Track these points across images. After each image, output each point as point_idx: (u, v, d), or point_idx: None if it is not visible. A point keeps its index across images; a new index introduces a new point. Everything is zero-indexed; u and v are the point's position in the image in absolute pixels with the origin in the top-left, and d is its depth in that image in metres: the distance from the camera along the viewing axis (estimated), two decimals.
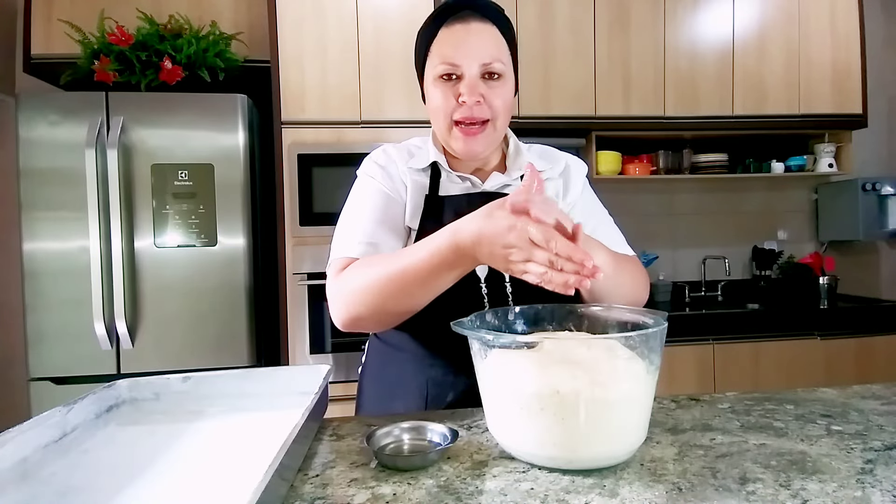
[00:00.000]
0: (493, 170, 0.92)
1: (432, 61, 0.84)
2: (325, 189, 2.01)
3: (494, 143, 0.88)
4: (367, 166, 0.92)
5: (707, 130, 2.54)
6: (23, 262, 1.80)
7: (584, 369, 0.56)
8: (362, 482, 0.55)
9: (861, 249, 2.94)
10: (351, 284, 0.77)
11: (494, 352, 0.60)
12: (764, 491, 0.51)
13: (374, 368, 0.96)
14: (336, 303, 0.79)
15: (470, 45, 0.81)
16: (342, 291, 0.78)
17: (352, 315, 0.77)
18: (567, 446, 0.55)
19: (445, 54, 0.82)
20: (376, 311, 0.76)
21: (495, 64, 0.82)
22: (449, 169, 0.90)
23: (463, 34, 0.81)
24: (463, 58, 0.81)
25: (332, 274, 0.82)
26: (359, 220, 0.86)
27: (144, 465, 0.59)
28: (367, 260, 0.79)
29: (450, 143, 0.86)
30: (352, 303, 0.77)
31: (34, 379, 1.81)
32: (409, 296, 0.73)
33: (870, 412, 0.73)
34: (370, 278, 0.74)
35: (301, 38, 2.02)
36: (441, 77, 0.83)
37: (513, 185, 0.90)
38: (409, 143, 0.96)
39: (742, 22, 2.48)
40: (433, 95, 0.85)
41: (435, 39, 0.84)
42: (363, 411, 0.96)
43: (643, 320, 0.65)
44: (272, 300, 2.13)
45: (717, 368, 2.26)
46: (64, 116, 1.81)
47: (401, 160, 0.91)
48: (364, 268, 0.77)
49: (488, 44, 0.82)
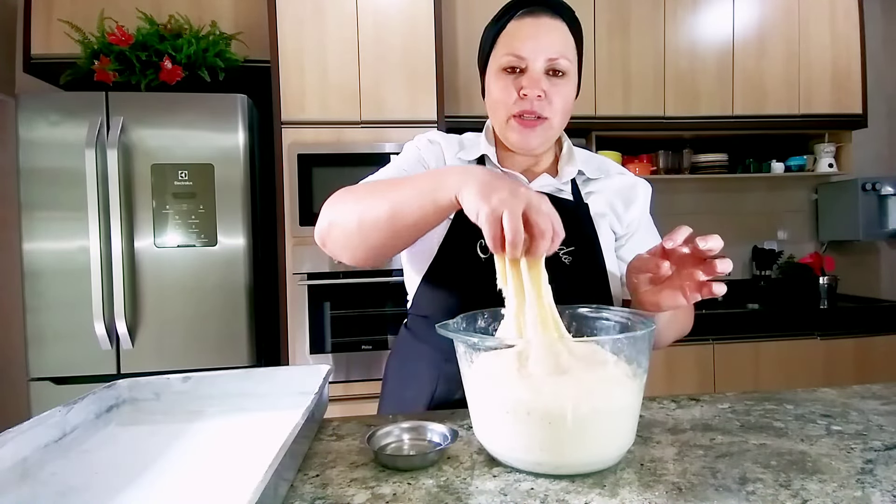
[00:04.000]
0: (543, 171, 0.90)
1: (497, 52, 0.83)
2: (325, 189, 2.01)
3: (550, 141, 0.86)
4: (417, 139, 0.92)
5: (707, 130, 2.54)
6: (23, 262, 1.81)
7: (571, 373, 0.55)
8: (362, 482, 0.55)
9: (861, 249, 2.94)
10: (339, 199, 0.76)
11: (480, 355, 0.59)
12: (764, 491, 0.51)
13: (398, 356, 0.98)
14: (320, 218, 0.77)
15: (538, 39, 0.80)
16: (327, 206, 0.77)
17: (326, 230, 0.76)
18: (554, 451, 0.55)
19: (512, 46, 0.81)
20: (350, 229, 0.73)
21: (561, 60, 0.80)
22: (496, 164, 0.89)
23: (532, 28, 0.80)
24: (530, 50, 0.80)
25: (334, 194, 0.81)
26: (388, 169, 0.87)
27: (144, 465, 0.59)
28: (365, 183, 0.79)
29: (506, 134, 0.85)
30: (331, 213, 0.75)
31: (34, 379, 1.81)
32: (391, 216, 0.68)
33: (870, 412, 0.73)
34: (355, 195, 0.73)
35: (301, 38, 2.02)
36: (505, 70, 0.82)
37: (564, 192, 0.88)
38: (463, 136, 0.95)
39: (742, 22, 2.48)
40: (494, 87, 0.84)
41: (503, 31, 0.83)
42: (383, 398, 0.97)
43: (631, 323, 0.65)
44: (272, 300, 2.13)
45: (717, 368, 2.26)
46: (64, 116, 1.81)
47: (450, 149, 0.91)
48: (357, 188, 0.76)
49: (556, 39, 0.81)
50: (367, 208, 0.70)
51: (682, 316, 0.82)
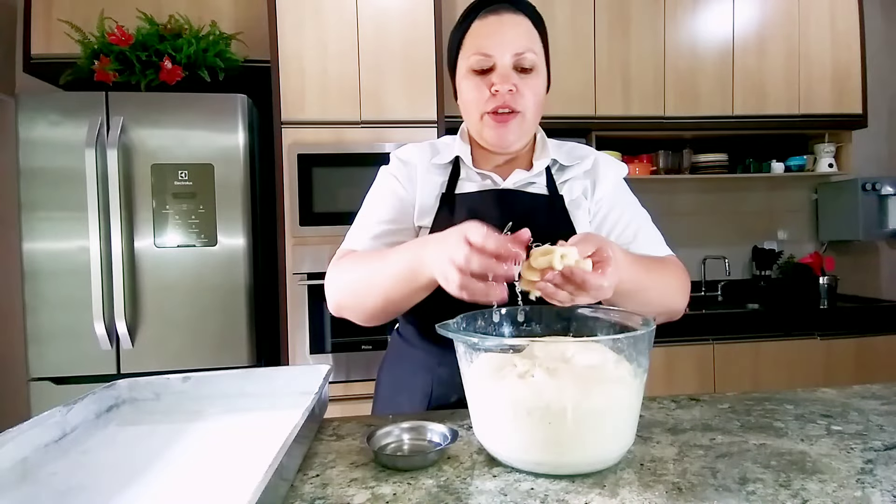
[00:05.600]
0: (517, 167, 0.91)
1: (465, 53, 0.85)
2: (325, 189, 2.01)
3: (526, 135, 0.87)
4: (391, 164, 0.94)
5: (707, 130, 2.54)
6: (23, 262, 1.80)
7: (571, 373, 0.55)
8: (362, 482, 0.55)
9: (861, 249, 2.94)
10: (340, 276, 0.81)
11: (480, 355, 0.60)
12: (764, 491, 0.51)
13: (391, 361, 0.99)
14: (328, 290, 0.83)
15: (503, 36, 0.81)
16: (332, 280, 0.82)
17: (337, 303, 0.82)
18: (554, 451, 0.55)
19: (479, 45, 0.82)
20: (358, 307, 0.80)
21: (528, 55, 0.81)
22: (470, 165, 0.90)
23: (496, 25, 0.82)
24: (496, 48, 0.81)
25: (333, 261, 0.86)
26: (370, 216, 0.89)
27: (144, 465, 0.59)
28: (360, 255, 0.83)
29: (482, 132, 0.86)
30: (337, 291, 0.81)
31: (34, 379, 1.81)
32: (386, 299, 0.75)
33: (870, 412, 0.73)
34: (354, 275, 0.79)
35: (301, 38, 2.02)
36: (474, 70, 0.83)
37: (537, 183, 0.89)
38: (439, 140, 0.97)
39: (742, 22, 2.48)
40: (465, 88, 0.85)
41: (468, 33, 0.84)
42: (376, 402, 0.98)
43: (631, 322, 0.65)
44: (272, 300, 2.13)
45: (717, 368, 2.26)
46: (64, 116, 1.81)
47: (423, 160, 0.91)
48: (354, 262, 0.81)
49: (521, 34, 0.82)
50: (364, 299, 0.78)
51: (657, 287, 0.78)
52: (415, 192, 0.90)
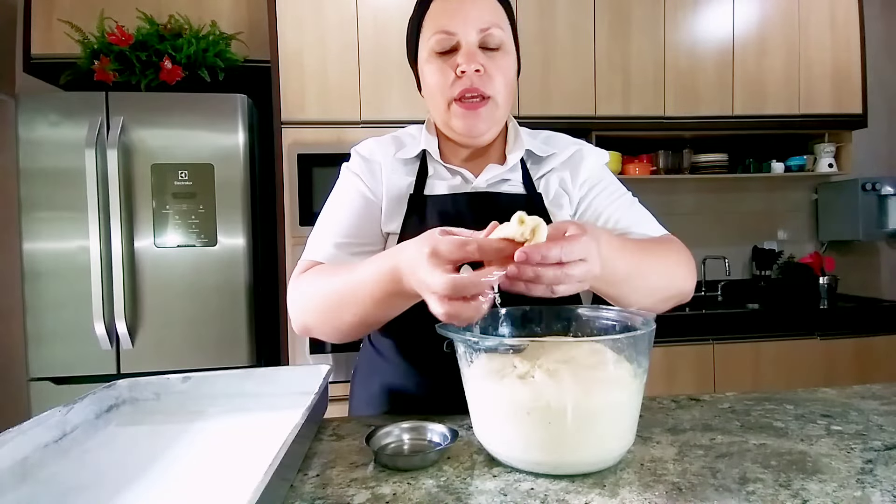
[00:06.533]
0: (489, 162, 0.83)
1: (425, 35, 0.78)
2: (325, 189, 1.99)
3: (497, 124, 0.80)
4: (351, 161, 0.87)
5: (707, 130, 2.54)
6: (23, 262, 1.80)
7: (571, 373, 0.55)
8: (362, 482, 0.55)
9: (861, 249, 2.94)
10: (305, 293, 0.74)
11: (480, 355, 0.59)
12: (764, 491, 0.51)
13: (363, 374, 0.93)
14: (291, 308, 0.76)
15: (466, 11, 0.74)
16: (295, 299, 0.75)
17: (303, 324, 0.75)
18: (554, 451, 0.55)
19: (440, 23, 0.75)
20: (326, 325, 0.73)
21: (494, 30, 0.75)
22: (439, 160, 0.83)
23: (458, 2, 0.75)
24: (459, 24, 0.74)
25: (295, 275, 0.78)
26: (332, 221, 0.82)
27: (144, 465, 0.59)
28: (325, 269, 0.75)
29: (450, 122, 0.78)
30: (302, 311, 0.74)
31: (34, 379, 1.81)
32: (358, 315, 0.68)
33: (870, 412, 0.73)
34: (321, 291, 0.71)
35: (301, 38, 2.02)
36: (436, 53, 0.76)
37: (511, 180, 0.83)
38: (403, 131, 0.88)
39: (742, 22, 2.48)
40: (428, 73, 0.78)
41: (427, 13, 0.78)
42: (353, 414, 0.93)
43: (631, 322, 0.64)
44: (272, 300, 2.13)
45: (717, 368, 2.26)
46: (64, 116, 1.81)
47: (386, 155, 0.84)
48: (319, 277, 0.73)
49: (485, 9, 0.75)
50: (336, 317, 0.70)
51: (658, 261, 0.73)
52: (380, 192, 0.82)
